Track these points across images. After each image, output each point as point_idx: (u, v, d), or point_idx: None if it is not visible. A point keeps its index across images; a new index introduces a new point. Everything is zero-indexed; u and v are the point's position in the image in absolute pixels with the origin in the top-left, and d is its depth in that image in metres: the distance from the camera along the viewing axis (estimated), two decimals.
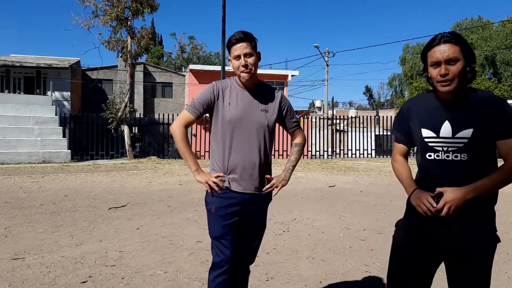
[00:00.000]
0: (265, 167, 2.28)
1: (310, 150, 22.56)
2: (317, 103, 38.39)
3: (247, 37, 2.17)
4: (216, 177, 2.19)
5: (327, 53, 28.82)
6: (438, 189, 1.65)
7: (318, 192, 8.83)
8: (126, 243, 4.53)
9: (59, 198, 7.67)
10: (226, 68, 17.69)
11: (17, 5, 77.26)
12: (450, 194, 1.61)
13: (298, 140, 2.46)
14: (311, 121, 23.78)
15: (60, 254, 4.08)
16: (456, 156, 1.66)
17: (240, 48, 2.16)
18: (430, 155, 1.72)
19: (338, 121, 24.39)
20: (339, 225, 5.56)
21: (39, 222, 5.60)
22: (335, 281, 3.43)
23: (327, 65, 28.96)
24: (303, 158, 21.45)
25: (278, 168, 15.57)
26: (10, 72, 23.00)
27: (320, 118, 24.13)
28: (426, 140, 1.72)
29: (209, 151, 2.37)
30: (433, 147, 1.71)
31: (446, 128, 1.69)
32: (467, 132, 1.65)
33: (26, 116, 17.63)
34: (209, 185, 2.19)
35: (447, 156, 1.67)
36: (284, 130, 2.43)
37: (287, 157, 21.66)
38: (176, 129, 2.24)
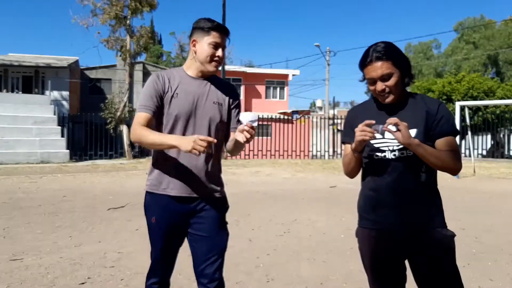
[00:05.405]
0: (215, 168, 2.05)
1: (311, 150, 22.55)
2: (318, 103, 38.32)
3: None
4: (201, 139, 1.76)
5: (328, 52, 28.85)
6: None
7: (319, 192, 8.81)
8: (125, 244, 4.50)
9: (57, 198, 7.64)
10: (226, 67, 17.66)
11: (16, 3, 77.27)
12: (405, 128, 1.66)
13: None
14: (312, 121, 23.77)
15: (59, 255, 4.05)
16: (402, 154, 1.74)
17: (221, 38, 1.96)
18: (377, 156, 1.79)
19: (339, 121, 24.38)
20: (340, 226, 5.54)
21: (38, 222, 5.57)
22: (336, 283, 3.40)
23: (328, 65, 28.96)
24: (304, 158, 21.42)
25: (278, 167, 15.55)
26: (8, 71, 22.95)
27: (321, 118, 24.14)
28: (372, 142, 1.80)
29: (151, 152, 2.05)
30: (379, 148, 1.79)
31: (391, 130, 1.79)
32: (411, 132, 1.72)
33: (25, 116, 17.59)
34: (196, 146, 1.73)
35: (394, 155, 1.75)
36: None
37: (287, 157, 21.28)
38: (137, 131, 1.90)
